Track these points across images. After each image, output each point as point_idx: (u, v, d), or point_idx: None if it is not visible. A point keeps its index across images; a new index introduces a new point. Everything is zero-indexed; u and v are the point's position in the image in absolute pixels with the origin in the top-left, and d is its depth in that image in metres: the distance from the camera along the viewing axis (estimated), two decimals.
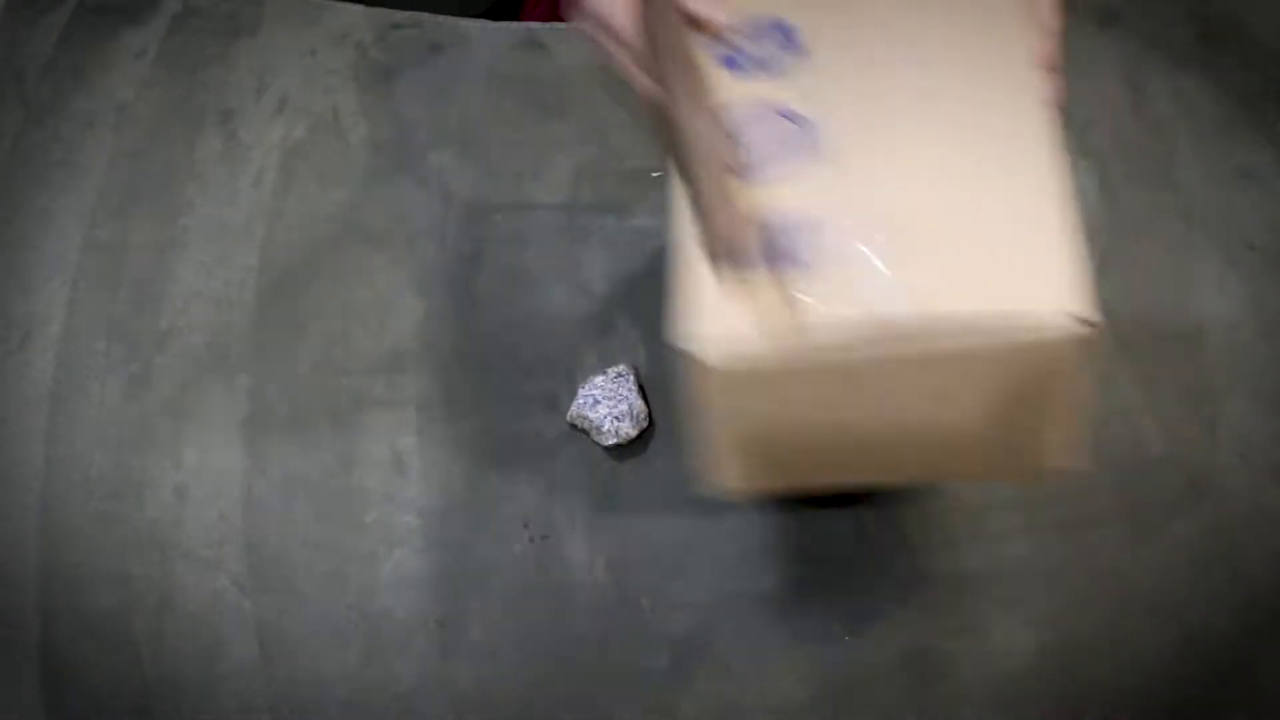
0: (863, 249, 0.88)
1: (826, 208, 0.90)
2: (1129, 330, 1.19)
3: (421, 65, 1.31)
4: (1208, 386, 1.17)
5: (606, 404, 1.09)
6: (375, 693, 1.00)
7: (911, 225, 0.89)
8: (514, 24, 1.35)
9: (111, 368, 1.13)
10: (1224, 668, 1.05)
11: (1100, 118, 1.32)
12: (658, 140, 0.96)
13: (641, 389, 1.11)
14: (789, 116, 0.94)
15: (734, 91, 0.95)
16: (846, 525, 1.09)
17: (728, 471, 0.94)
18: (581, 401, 1.10)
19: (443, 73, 1.30)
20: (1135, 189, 1.28)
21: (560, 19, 1.39)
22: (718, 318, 0.86)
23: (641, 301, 1.16)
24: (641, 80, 0.95)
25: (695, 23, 0.94)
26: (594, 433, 1.09)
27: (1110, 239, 1.24)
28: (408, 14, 1.34)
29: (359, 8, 1.35)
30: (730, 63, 0.97)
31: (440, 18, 1.35)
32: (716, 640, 1.04)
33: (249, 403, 1.11)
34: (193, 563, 1.04)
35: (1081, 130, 1.31)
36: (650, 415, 1.11)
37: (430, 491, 1.08)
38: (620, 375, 1.11)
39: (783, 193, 0.91)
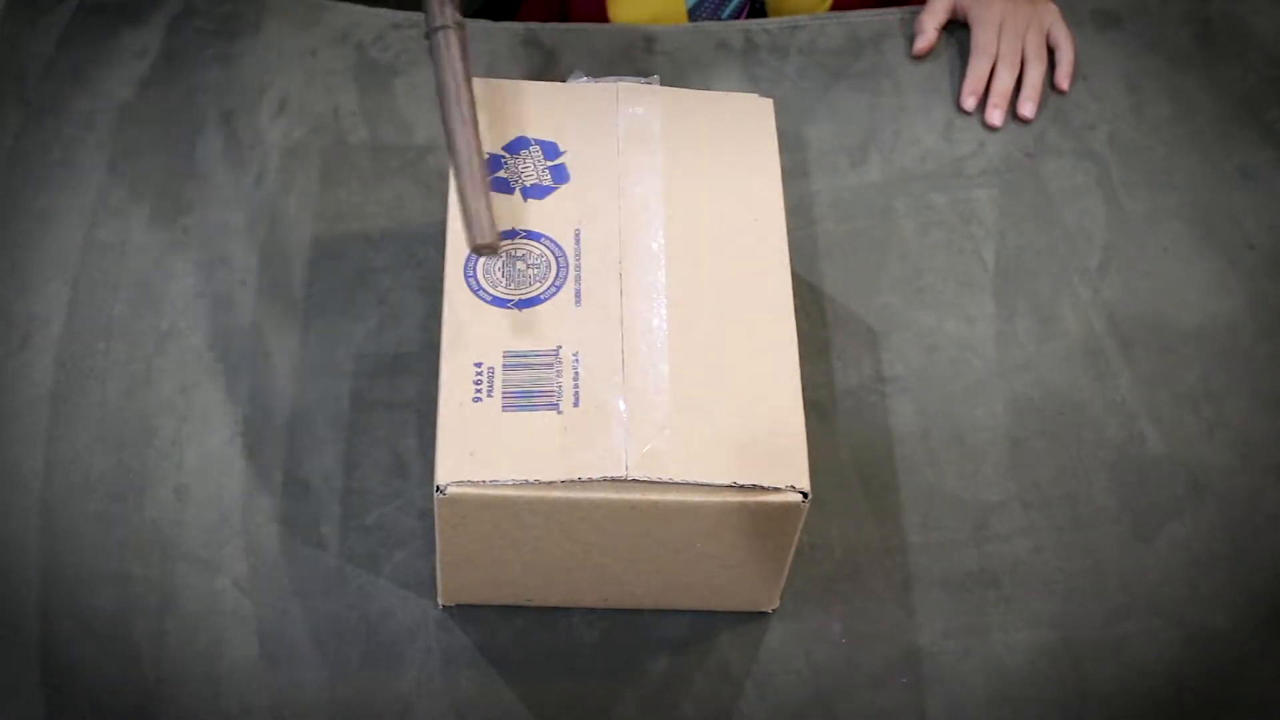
0: (608, 396, 0.95)
1: (579, 343, 0.97)
2: (1129, 330, 1.19)
3: (421, 65, 1.31)
4: (1208, 386, 1.17)
5: None
6: (376, 694, 1.00)
7: (657, 378, 0.96)
8: (514, 24, 1.36)
9: (111, 368, 1.12)
10: (1224, 668, 1.05)
11: (1100, 119, 1.32)
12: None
13: None
14: (549, 243, 1.00)
15: (497, 212, 1.02)
16: (845, 526, 1.09)
17: (460, 586, 1.02)
18: None
19: None
20: (1135, 189, 1.28)
21: (559, 19, 1.39)
22: (460, 449, 0.93)
23: None
24: None
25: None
26: None
27: (1111, 239, 1.24)
28: (408, 14, 1.34)
29: (359, 8, 1.35)
30: (498, 184, 1.03)
31: None
32: (716, 640, 1.04)
33: (249, 404, 1.11)
34: (193, 563, 1.04)
35: (1082, 131, 1.31)
36: None
37: (431, 493, 1.08)
38: None
39: (536, 322, 0.98)
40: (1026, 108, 1.31)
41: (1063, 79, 1.33)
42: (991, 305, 1.20)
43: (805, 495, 0.93)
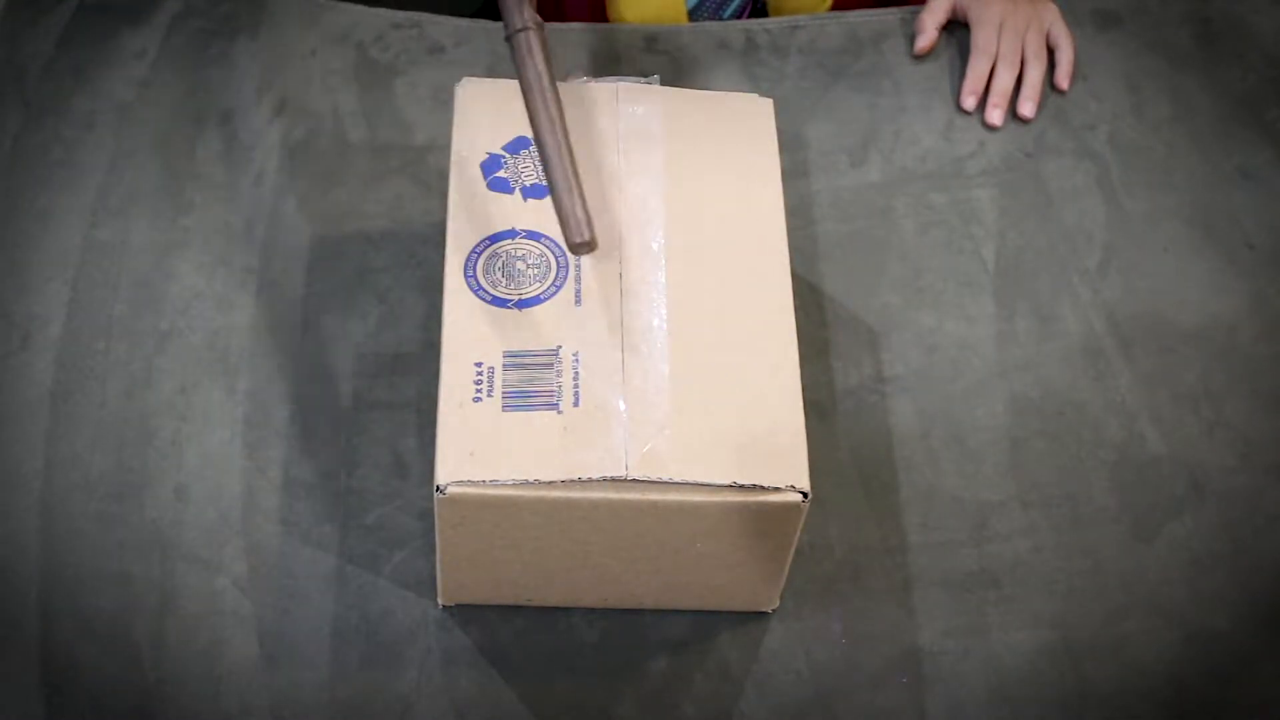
0: (608, 396, 0.95)
1: (579, 343, 0.97)
2: (1129, 330, 1.19)
3: (421, 65, 1.31)
4: (1208, 386, 1.17)
5: None
6: (376, 694, 1.00)
7: (657, 378, 0.96)
8: None
9: (111, 368, 1.12)
10: (1224, 668, 1.05)
11: (1100, 119, 1.32)
12: None
13: None
14: (549, 243, 0.99)
15: (497, 212, 1.03)
16: (845, 526, 1.09)
17: (460, 586, 1.02)
18: None
19: (443, 73, 1.30)
20: (1135, 189, 1.28)
21: (559, 19, 1.39)
22: (460, 449, 0.93)
23: None
24: None
25: None
26: None
27: (1111, 239, 1.24)
28: (408, 14, 1.35)
29: (359, 8, 1.35)
30: (498, 184, 1.02)
31: (440, 18, 1.35)
32: (716, 640, 1.04)
33: (249, 403, 1.11)
34: (193, 563, 1.04)
35: (1081, 131, 1.31)
36: None
37: (431, 493, 1.08)
38: None
39: (536, 322, 0.97)
40: (1026, 107, 1.31)
41: (1063, 79, 1.33)
42: (991, 305, 1.20)
43: (805, 495, 0.93)
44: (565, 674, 1.02)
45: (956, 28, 1.37)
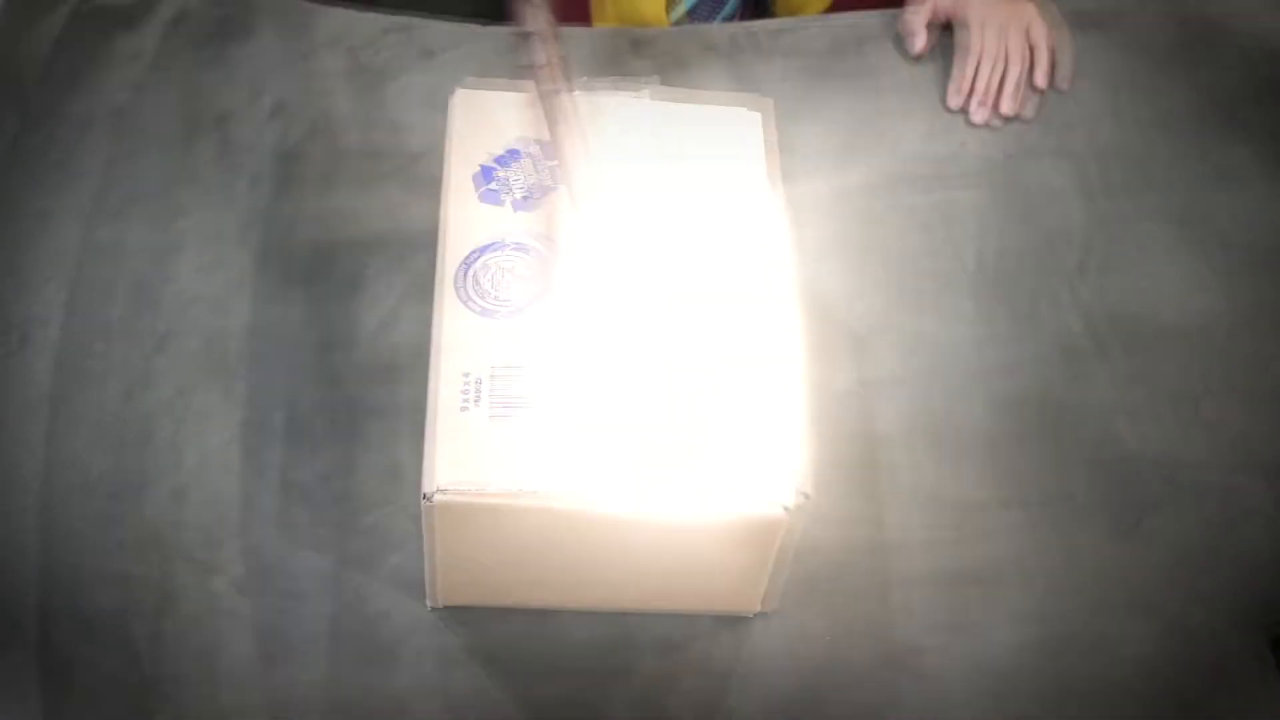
0: (601, 403, 0.96)
1: (571, 351, 0.98)
2: (1109, 329, 1.20)
3: (415, 69, 1.32)
4: (1186, 384, 1.18)
5: None
6: (372, 694, 1.01)
7: (654, 384, 0.97)
8: (503, 28, 1.36)
9: (110, 369, 1.13)
10: (1203, 661, 1.06)
11: (1080, 120, 1.33)
12: None
13: None
14: (535, 252, 1.01)
15: (488, 224, 1.03)
16: (831, 525, 1.10)
17: (452, 588, 1.03)
18: None
19: (435, 76, 1.31)
20: (1115, 190, 1.28)
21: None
22: (450, 457, 0.93)
23: None
24: None
25: None
26: None
27: (1091, 239, 1.25)
28: (401, 18, 1.35)
29: (352, 12, 1.35)
30: (490, 196, 1.03)
31: (432, 21, 1.35)
32: (703, 640, 1.05)
33: (247, 406, 1.12)
34: (192, 564, 1.05)
35: (1062, 132, 1.32)
36: None
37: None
38: None
39: (528, 330, 0.98)
40: (1009, 105, 1.32)
41: (1043, 78, 1.34)
42: (973, 306, 1.21)
43: (805, 497, 0.94)
44: (557, 674, 1.03)
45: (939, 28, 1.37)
